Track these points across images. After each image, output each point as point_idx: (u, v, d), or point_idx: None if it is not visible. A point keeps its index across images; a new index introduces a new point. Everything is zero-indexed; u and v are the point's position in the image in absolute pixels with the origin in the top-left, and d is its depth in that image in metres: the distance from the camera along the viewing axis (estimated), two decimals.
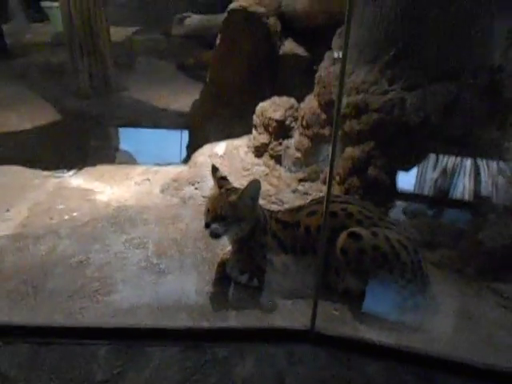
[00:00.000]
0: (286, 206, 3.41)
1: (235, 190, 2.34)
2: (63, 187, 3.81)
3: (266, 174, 3.64)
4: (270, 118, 3.60)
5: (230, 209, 2.26)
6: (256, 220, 2.37)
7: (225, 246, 2.72)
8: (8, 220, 3.14)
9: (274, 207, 3.27)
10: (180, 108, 6.11)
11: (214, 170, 2.45)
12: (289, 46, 4.83)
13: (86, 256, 2.63)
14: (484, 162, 2.62)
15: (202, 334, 2.13)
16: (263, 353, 2.04)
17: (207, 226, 2.26)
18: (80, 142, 5.40)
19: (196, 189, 3.76)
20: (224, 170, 3.83)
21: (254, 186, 2.29)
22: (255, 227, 2.37)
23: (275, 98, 3.67)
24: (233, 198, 2.29)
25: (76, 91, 6.39)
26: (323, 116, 3.23)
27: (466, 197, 2.70)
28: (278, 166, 3.64)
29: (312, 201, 2.56)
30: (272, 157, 3.66)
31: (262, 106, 3.69)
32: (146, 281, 2.46)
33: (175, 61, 7.53)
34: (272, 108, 3.63)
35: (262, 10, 4.69)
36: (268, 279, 2.39)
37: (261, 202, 3.53)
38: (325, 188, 3.43)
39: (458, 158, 2.64)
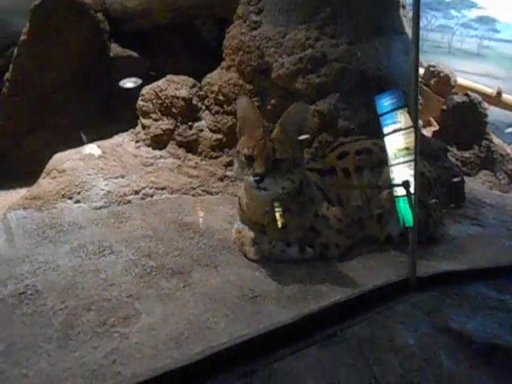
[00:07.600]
0: (218, 196, 2.83)
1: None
2: None
3: (179, 166, 2.91)
4: (174, 97, 2.93)
5: (283, 148, 1.66)
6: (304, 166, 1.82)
7: (219, 225, 1.96)
8: None
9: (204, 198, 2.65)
10: None
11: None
12: (119, 49, 4.20)
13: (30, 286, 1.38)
14: None
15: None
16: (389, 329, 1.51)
17: (261, 178, 1.58)
18: None
19: (78, 202, 2.61)
20: (115, 171, 2.90)
21: (299, 108, 1.73)
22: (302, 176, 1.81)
23: (171, 77, 3.03)
24: (275, 133, 1.70)
25: None
26: (248, 86, 2.87)
27: None
28: (190, 155, 2.97)
29: (330, 146, 2.16)
30: (180, 145, 2.96)
31: (156, 86, 2.97)
32: (167, 290, 1.48)
33: None
34: (172, 86, 2.97)
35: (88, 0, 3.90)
36: (322, 241, 1.83)
37: (184, 196, 2.82)
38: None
39: None
